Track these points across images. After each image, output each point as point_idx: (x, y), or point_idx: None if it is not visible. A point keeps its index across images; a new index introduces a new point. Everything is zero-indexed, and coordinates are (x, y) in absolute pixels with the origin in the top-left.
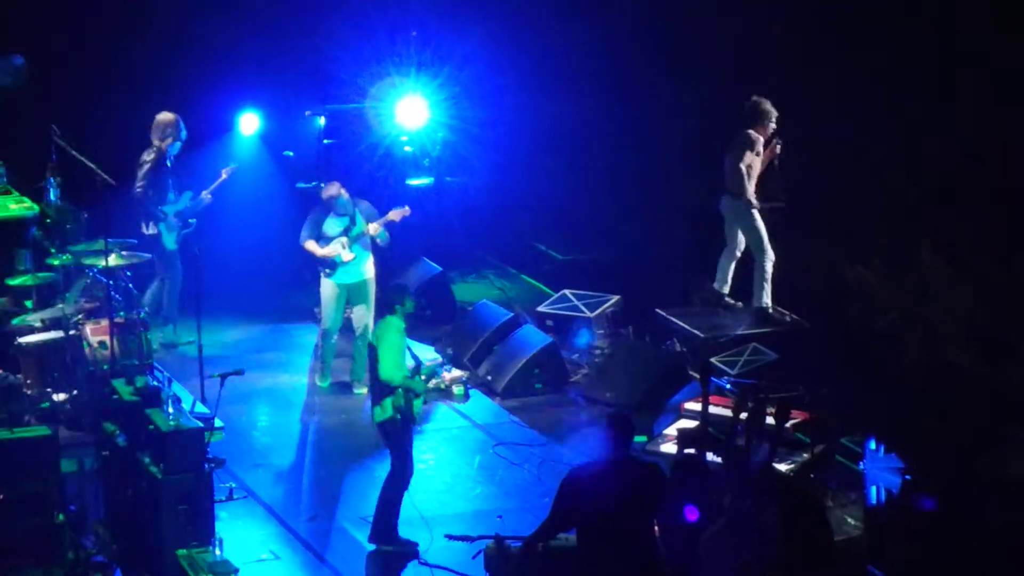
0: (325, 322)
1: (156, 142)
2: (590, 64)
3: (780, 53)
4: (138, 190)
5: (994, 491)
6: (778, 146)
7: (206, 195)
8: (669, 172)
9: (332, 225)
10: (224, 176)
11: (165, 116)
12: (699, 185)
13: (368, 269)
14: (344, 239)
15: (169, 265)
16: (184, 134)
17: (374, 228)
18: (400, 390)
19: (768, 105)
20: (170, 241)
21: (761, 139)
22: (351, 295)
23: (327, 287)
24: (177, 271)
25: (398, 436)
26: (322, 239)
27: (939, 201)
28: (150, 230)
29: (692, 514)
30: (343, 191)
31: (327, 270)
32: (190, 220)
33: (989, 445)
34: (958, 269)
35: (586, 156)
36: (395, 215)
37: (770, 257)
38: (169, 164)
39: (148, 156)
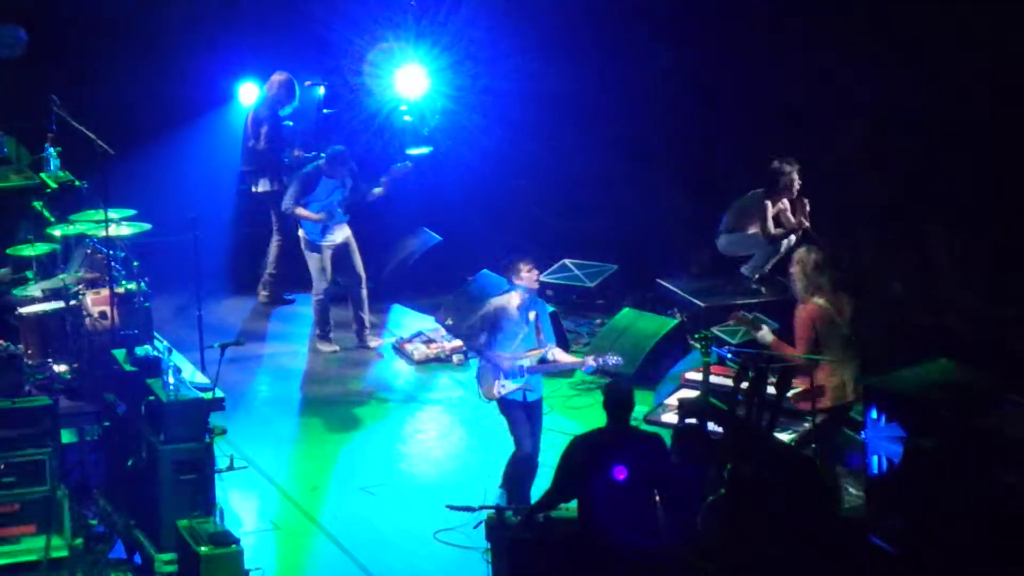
0: (321, 285)
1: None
2: (590, 30)
3: (780, 19)
4: (261, 146)
5: (992, 455)
6: (807, 207)
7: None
8: (671, 140)
9: (326, 188)
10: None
11: (276, 77)
12: (700, 153)
13: (347, 228)
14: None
15: (286, 222)
16: (295, 96)
17: (379, 190)
18: None
19: (786, 169)
20: None
21: (780, 205)
22: (338, 254)
23: (316, 250)
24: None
25: (507, 413)
26: (309, 204)
27: (938, 170)
28: (273, 187)
29: (621, 473)
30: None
31: (324, 232)
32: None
33: (987, 408)
34: (957, 236)
35: (586, 124)
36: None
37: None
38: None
39: (263, 113)
